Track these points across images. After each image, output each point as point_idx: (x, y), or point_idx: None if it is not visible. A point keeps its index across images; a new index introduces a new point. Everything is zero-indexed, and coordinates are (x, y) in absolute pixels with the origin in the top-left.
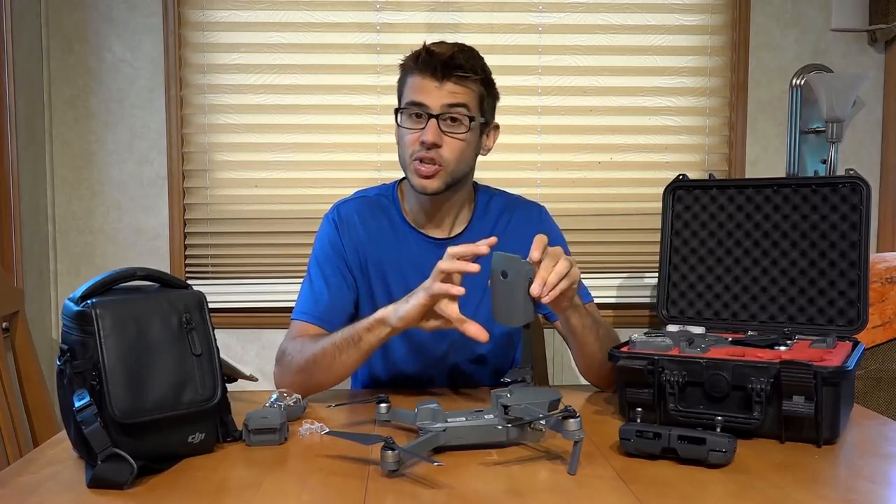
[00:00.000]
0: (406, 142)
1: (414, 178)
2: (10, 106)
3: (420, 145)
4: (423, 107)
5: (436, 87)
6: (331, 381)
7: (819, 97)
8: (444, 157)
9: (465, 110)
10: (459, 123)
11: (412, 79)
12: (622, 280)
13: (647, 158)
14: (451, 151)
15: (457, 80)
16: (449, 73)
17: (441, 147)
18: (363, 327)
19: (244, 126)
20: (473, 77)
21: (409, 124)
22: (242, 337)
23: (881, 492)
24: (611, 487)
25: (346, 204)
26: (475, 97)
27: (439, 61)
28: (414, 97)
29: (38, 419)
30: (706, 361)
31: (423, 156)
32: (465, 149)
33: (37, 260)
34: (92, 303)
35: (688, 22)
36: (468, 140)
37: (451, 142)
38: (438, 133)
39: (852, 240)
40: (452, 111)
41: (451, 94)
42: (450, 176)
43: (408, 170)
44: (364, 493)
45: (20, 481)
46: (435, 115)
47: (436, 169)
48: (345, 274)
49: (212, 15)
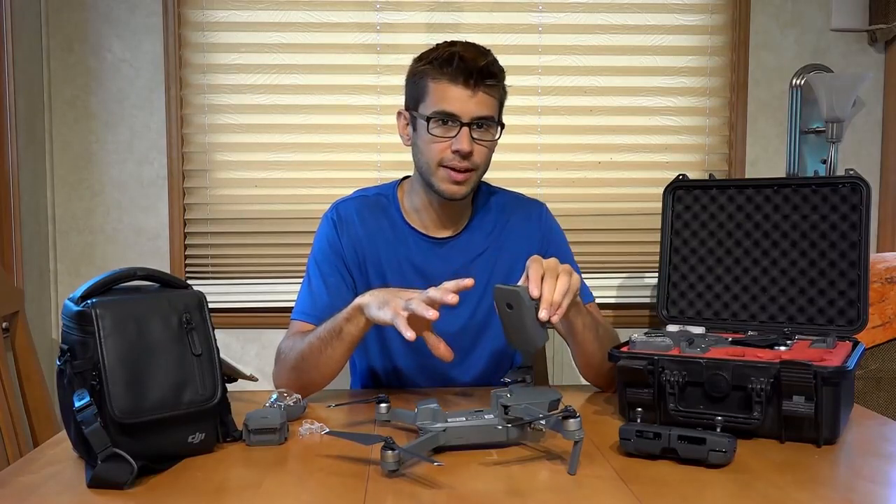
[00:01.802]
0: (434, 149)
1: (443, 184)
2: (10, 106)
3: (454, 154)
4: (455, 116)
5: (468, 96)
6: (323, 377)
7: (819, 97)
8: (475, 162)
9: (494, 119)
10: (487, 130)
11: (439, 85)
12: (622, 280)
13: (647, 158)
14: (481, 157)
15: (486, 88)
16: (481, 82)
17: (473, 154)
18: (343, 318)
19: (244, 126)
20: (501, 84)
21: (439, 132)
22: (242, 337)
23: (881, 492)
24: (611, 487)
25: (344, 203)
26: (498, 103)
27: (474, 69)
28: (445, 107)
29: (38, 419)
30: (706, 361)
31: (457, 165)
32: (490, 154)
33: (37, 260)
34: (92, 303)
35: (688, 22)
36: (492, 145)
37: (481, 149)
38: (471, 141)
39: (852, 240)
40: (482, 121)
41: (482, 103)
42: (478, 179)
43: (433, 176)
44: (364, 493)
45: (20, 481)
46: (466, 123)
47: (467, 175)
48: (343, 273)
49: (212, 15)
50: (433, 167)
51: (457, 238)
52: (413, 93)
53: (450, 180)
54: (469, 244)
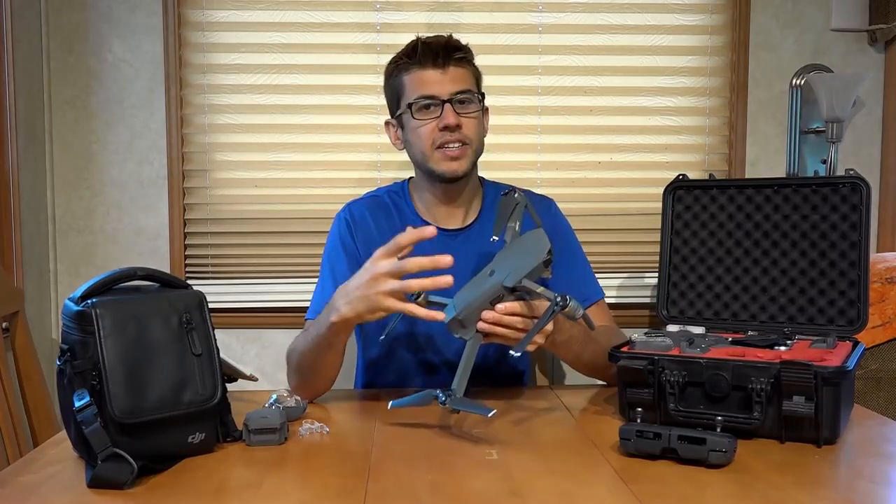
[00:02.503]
0: (423, 133)
1: (441, 164)
2: (10, 106)
3: (442, 131)
4: (434, 97)
5: (441, 74)
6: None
7: (819, 97)
8: (467, 135)
9: (472, 91)
10: (469, 103)
11: (411, 75)
12: (622, 280)
13: (647, 158)
14: (470, 129)
15: (456, 63)
16: (449, 57)
17: (462, 127)
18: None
19: (244, 126)
20: (470, 57)
21: (423, 116)
22: (242, 337)
23: (881, 492)
24: (611, 487)
25: (357, 203)
26: (473, 77)
27: (439, 48)
28: (422, 91)
29: (38, 419)
30: (706, 361)
31: (448, 139)
32: (479, 126)
33: (37, 260)
34: (92, 303)
35: (688, 22)
36: (479, 118)
37: (468, 121)
38: (455, 115)
39: (852, 240)
40: (461, 95)
41: (456, 79)
42: (475, 154)
43: (430, 161)
44: (364, 493)
45: (20, 481)
46: (446, 100)
47: (462, 150)
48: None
49: (212, 15)
50: (428, 152)
51: (469, 230)
52: (392, 95)
53: (446, 158)
54: (481, 235)
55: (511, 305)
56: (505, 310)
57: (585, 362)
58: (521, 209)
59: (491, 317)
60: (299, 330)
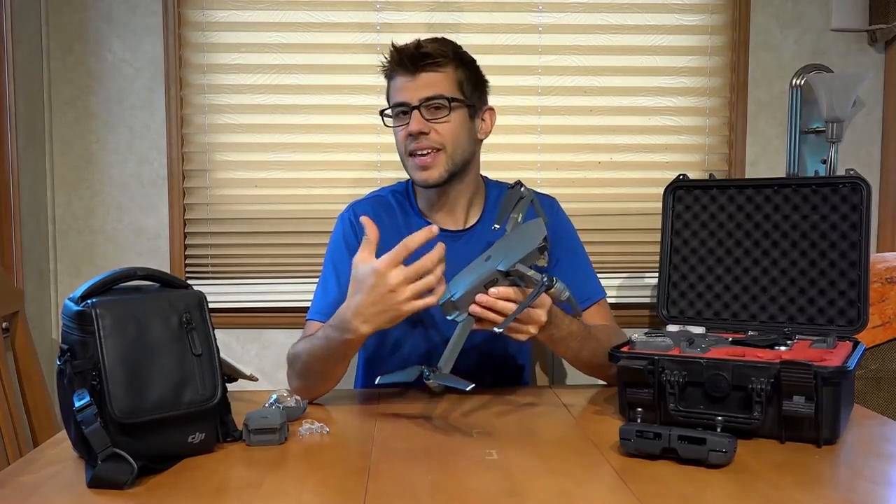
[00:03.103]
0: (399, 139)
1: (414, 173)
2: (10, 106)
3: (409, 138)
4: (404, 104)
5: (410, 80)
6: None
7: (819, 97)
8: (436, 140)
9: (443, 96)
10: (441, 108)
11: (391, 82)
12: (622, 280)
13: (647, 158)
14: (441, 135)
15: (429, 68)
16: (418, 63)
17: (428, 134)
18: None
19: (244, 126)
20: (444, 61)
21: (397, 123)
22: (242, 337)
23: (881, 492)
24: (611, 487)
25: (360, 204)
26: (453, 82)
27: (407, 55)
28: (395, 97)
29: (38, 419)
30: (706, 361)
31: (414, 147)
32: (456, 131)
33: (37, 260)
34: (92, 303)
35: (688, 22)
36: (456, 122)
37: (440, 126)
38: (423, 121)
39: (852, 240)
40: (430, 102)
41: (426, 84)
42: (450, 160)
43: (408, 169)
44: (364, 493)
45: (20, 481)
46: (415, 106)
47: (433, 156)
48: None
49: (212, 15)
50: (405, 159)
51: (471, 231)
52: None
53: (417, 167)
54: (483, 237)
55: (504, 290)
56: (498, 294)
57: (584, 360)
58: (525, 203)
59: (484, 300)
60: (299, 330)
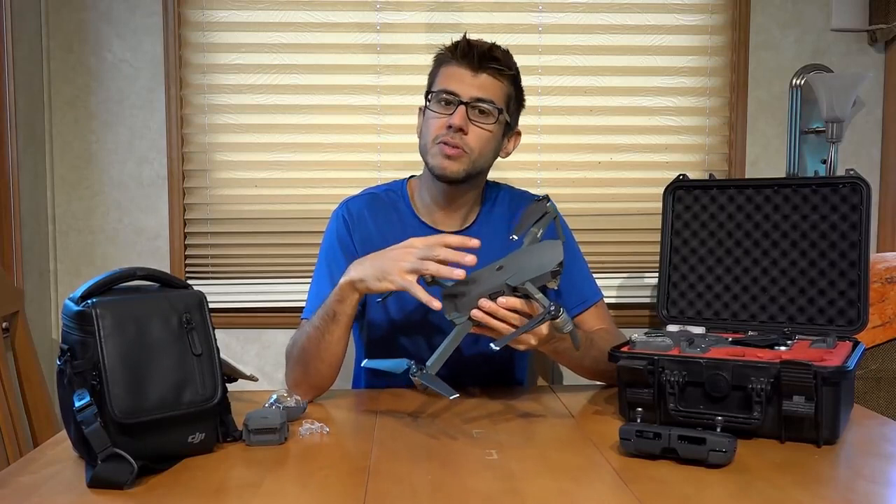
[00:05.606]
0: (431, 125)
1: (435, 159)
2: (10, 106)
3: (446, 129)
4: (454, 94)
5: (471, 76)
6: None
7: (819, 97)
8: (469, 144)
9: (494, 104)
10: (488, 115)
11: (447, 68)
12: (622, 280)
13: (647, 158)
14: (476, 140)
15: (491, 73)
16: (485, 64)
17: (467, 134)
18: (334, 300)
19: (244, 126)
20: (507, 72)
21: (438, 109)
22: (242, 337)
23: (881, 492)
24: (611, 487)
25: (355, 200)
26: (504, 95)
27: (478, 52)
28: (446, 85)
29: (38, 419)
30: (706, 361)
31: (448, 139)
32: (489, 140)
33: (37, 260)
34: (92, 303)
35: (688, 22)
36: (493, 133)
37: (477, 130)
38: (466, 119)
39: (852, 240)
40: (481, 104)
41: (483, 86)
42: (471, 164)
43: (428, 154)
44: (364, 493)
45: (20, 481)
46: (465, 102)
47: (459, 152)
48: None
49: (212, 15)
50: (430, 144)
51: (466, 231)
52: (428, 83)
53: (441, 153)
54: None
55: (512, 301)
56: (506, 304)
57: (587, 367)
58: (548, 220)
59: (488, 306)
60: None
